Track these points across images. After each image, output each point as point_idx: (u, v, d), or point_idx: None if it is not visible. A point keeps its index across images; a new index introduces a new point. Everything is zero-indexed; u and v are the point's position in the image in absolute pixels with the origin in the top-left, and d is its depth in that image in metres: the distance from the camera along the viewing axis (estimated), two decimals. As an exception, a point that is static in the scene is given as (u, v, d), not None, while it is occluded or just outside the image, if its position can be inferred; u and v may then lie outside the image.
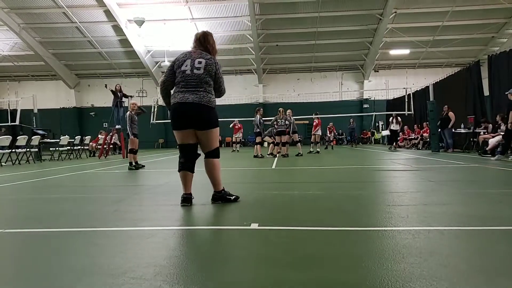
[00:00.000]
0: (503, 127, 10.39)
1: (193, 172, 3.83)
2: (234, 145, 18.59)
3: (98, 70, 29.79)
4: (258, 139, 13.04)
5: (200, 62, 3.68)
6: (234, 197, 3.95)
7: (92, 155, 16.62)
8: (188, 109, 3.60)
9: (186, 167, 3.78)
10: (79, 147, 15.35)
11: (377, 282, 1.69)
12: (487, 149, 10.48)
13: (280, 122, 12.46)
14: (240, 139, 19.37)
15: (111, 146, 16.74)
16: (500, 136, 10.10)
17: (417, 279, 1.71)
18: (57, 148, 14.00)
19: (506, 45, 22.80)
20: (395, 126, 16.45)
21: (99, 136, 17.40)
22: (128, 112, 9.23)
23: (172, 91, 3.80)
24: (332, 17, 22.94)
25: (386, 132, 17.03)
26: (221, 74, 3.82)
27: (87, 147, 16.69)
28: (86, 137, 16.20)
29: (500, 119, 10.62)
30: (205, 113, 3.64)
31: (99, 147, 15.91)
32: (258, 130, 12.93)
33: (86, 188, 5.64)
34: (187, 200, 3.74)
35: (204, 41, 3.85)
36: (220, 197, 3.87)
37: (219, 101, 4.10)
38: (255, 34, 23.83)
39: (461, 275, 1.77)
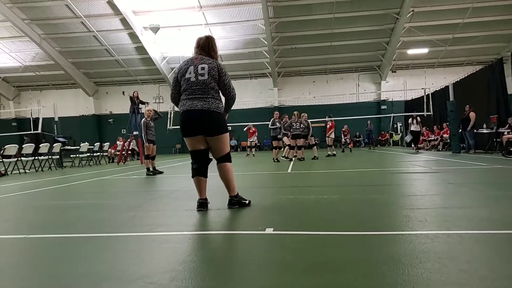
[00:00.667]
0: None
1: (206, 177, 3.85)
2: (249, 149, 18.56)
3: (115, 77, 30.43)
4: (274, 143, 13.05)
5: (203, 68, 3.63)
6: (248, 201, 3.97)
7: (111, 161, 16.91)
8: (197, 116, 3.60)
9: (199, 172, 3.81)
10: (99, 153, 15.65)
11: (393, 289, 1.65)
12: (511, 149, 10.16)
13: (295, 125, 12.40)
14: (255, 143, 19.38)
15: (129, 152, 17.02)
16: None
17: (435, 285, 1.66)
18: (77, 155, 14.36)
19: (530, 41, 22.08)
20: (416, 126, 15.85)
21: (118, 142, 17.73)
22: (144, 119, 9.31)
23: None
24: (347, 18, 22.75)
25: (409, 138, 16.46)
26: (226, 77, 3.73)
27: (106, 154, 16.99)
28: (105, 144, 16.51)
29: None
30: (214, 119, 3.64)
31: (117, 153, 16.18)
32: (274, 134, 12.97)
33: (104, 194, 5.75)
34: (203, 205, 3.76)
35: (208, 48, 3.77)
36: (238, 202, 3.86)
37: (234, 105, 4.06)
38: (270, 38, 23.87)
39: (482, 281, 1.71)
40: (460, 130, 13.61)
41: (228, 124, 3.88)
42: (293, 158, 12.64)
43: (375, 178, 6.53)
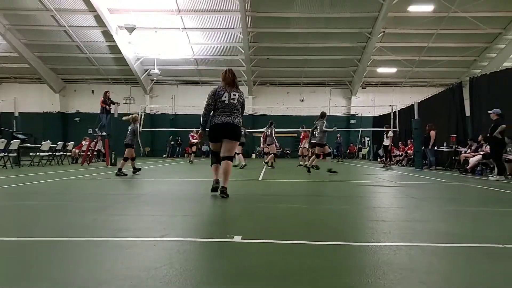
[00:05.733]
0: (484, 147, 10.63)
1: (219, 164, 5.24)
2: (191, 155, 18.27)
3: (85, 75, 29.48)
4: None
5: (234, 95, 5.17)
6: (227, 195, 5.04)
7: (74, 161, 16.23)
8: (225, 127, 5.09)
9: (216, 162, 5.27)
10: (62, 153, 15.01)
11: (356, 298, 1.68)
12: (467, 167, 10.68)
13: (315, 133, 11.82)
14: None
15: (95, 153, 16.46)
16: (480, 156, 10.34)
17: (397, 296, 1.71)
18: (37, 154, 13.64)
19: (487, 68, 23.52)
20: (386, 141, 15.95)
21: (83, 142, 17.08)
22: (132, 125, 9.42)
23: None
24: (323, 33, 23.34)
25: (381, 152, 16.74)
26: (244, 102, 5.38)
27: (70, 154, 16.34)
28: (69, 143, 15.88)
29: (482, 139, 10.86)
30: (237, 130, 5.19)
31: (82, 153, 15.60)
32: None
33: (65, 196, 5.52)
34: (216, 189, 5.10)
35: (234, 79, 5.32)
36: (226, 193, 4.97)
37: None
38: (247, 47, 24.04)
39: (439, 293, 1.78)
40: (423, 147, 14.20)
41: (198, 129, 5.48)
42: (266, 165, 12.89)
43: (342, 190, 6.67)
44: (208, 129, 5.23)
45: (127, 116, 9.75)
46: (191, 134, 17.86)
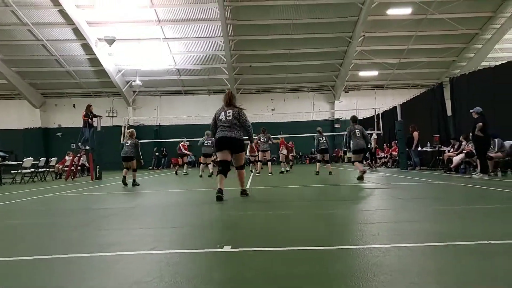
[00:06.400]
0: (464, 145, 10.86)
1: (226, 176, 6.03)
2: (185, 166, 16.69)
3: (66, 89, 28.91)
4: (203, 160, 13.54)
5: (229, 112, 6.06)
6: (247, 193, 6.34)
7: (58, 177, 15.90)
8: (226, 139, 5.98)
9: (223, 172, 6.00)
10: (44, 169, 14.70)
11: (349, 302, 1.68)
12: (451, 166, 10.87)
13: (322, 140, 12.62)
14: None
15: (79, 167, 16.18)
16: (463, 155, 10.54)
17: (388, 298, 1.72)
18: (19, 171, 13.32)
19: (465, 68, 24.13)
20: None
21: (66, 157, 16.77)
22: (132, 140, 9.90)
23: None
24: (304, 39, 23.59)
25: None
26: (245, 117, 6.12)
27: (53, 169, 16.02)
28: (52, 159, 15.56)
29: (463, 138, 11.07)
30: (238, 143, 6.03)
31: (66, 168, 15.30)
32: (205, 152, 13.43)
33: (50, 212, 5.39)
34: (220, 198, 5.68)
35: (229, 100, 6.20)
36: (246, 193, 6.27)
37: (193, 122, 4.30)
38: (229, 55, 24.10)
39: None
40: (407, 148, 14.42)
41: (188, 140, 5.37)
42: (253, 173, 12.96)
43: (330, 194, 6.70)
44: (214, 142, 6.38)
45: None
46: (182, 143, 16.65)
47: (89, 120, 13.67)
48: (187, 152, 16.73)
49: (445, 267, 2.24)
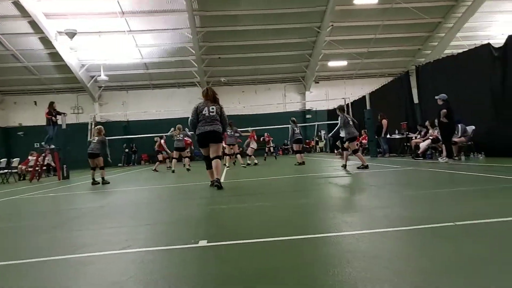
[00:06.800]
0: (431, 131, 11.27)
1: (212, 168, 6.48)
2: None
3: (25, 86, 27.43)
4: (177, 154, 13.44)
5: (213, 108, 6.42)
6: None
7: (22, 178, 15.24)
8: (208, 134, 6.36)
9: (209, 167, 6.52)
10: (6, 170, 14.09)
11: (325, 290, 1.71)
12: (418, 152, 11.26)
13: (296, 130, 12.73)
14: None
15: (44, 167, 15.56)
16: (430, 140, 10.95)
17: (362, 283, 1.76)
18: (-21, 174, 12.68)
19: (430, 56, 24.84)
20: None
21: (30, 157, 16.09)
22: (99, 137, 9.79)
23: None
24: (273, 30, 23.55)
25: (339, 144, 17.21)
26: (225, 114, 6.64)
27: (16, 170, 15.36)
28: (14, 160, 14.91)
29: (429, 124, 11.47)
30: (218, 135, 6.47)
31: (30, 169, 14.69)
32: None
33: (15, 216, 5.17)
34: (219, 187, 6.15)
35: (214, 96, 6.53)
36: (220, 183, 6.26)
37: (163, 116, 4.18)
38: (197, 47, 23.75)
39: (401, 276, 1.86)
40: (376, 136, 14.81)
41: (158, 135, 5.45)
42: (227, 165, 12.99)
43: (302, 184, 6.79)
44: (196, 138, 6.56)
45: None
46: (163, 140, 16.06)
47: (53, 118, 13.17)
48: (167, 150, 16.18)
49: (415, 250, 2.33)
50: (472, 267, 1.93)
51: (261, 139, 19.29)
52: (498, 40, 10.54)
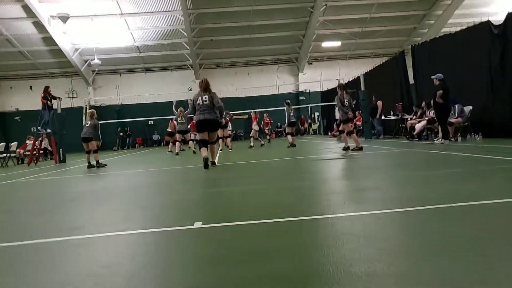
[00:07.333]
0: (428, 113, 11.20)
1: (208, 148, 7.13)
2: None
3: (21, 71, 27.21)
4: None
5: (205, 98, 7.14)
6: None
7: (20, 162, 15.33)
8: (206, 122, 7.14)
9: (205, 145, 7.12)
10: (5, 155, 14.11)
11: (319, 270, 1.74)
12: (414, 134, 11.23)
13: (291, 112, 12.76)
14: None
15: (42, 151, 15.54)
16: (425, 121, 10.90)
17: (356, 264, 1.79)
18: (-24, 158, 12.64)
19: (427, 35, 24.37)
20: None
21: (27, 141, 16.11)
22: (92, 120, 9.78)
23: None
24: (265, 10, 23.13)
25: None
26: (217, 99, 7.27)
27: (15, 155, 15.39)
28: (12, 144, 14.92)
29: (425, 105, 11.38)
30: (215, 123, 7.30)
31: (27, 153, 14.70)
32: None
33: (14, 199, 5.18)
34: (206, 166, 6.80)
35: (207, 86, 7.24)
36: (214, 163, 7.27)
37: (156, 99, 4.10)
38: (189, 29, 23.36)
39: (394, 257, 1.89)
40: (370, 118, 14.76)
41: (152, 118, 5.69)
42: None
43: (297, 166, 6.82)
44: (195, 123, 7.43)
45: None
46: (173, 120, 14.79)
47: (48, 102, 13.20)
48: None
49: (409, 231, 2.36)
50: (468, 248, 1.95)
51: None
52: (498, 17, 10.30)
